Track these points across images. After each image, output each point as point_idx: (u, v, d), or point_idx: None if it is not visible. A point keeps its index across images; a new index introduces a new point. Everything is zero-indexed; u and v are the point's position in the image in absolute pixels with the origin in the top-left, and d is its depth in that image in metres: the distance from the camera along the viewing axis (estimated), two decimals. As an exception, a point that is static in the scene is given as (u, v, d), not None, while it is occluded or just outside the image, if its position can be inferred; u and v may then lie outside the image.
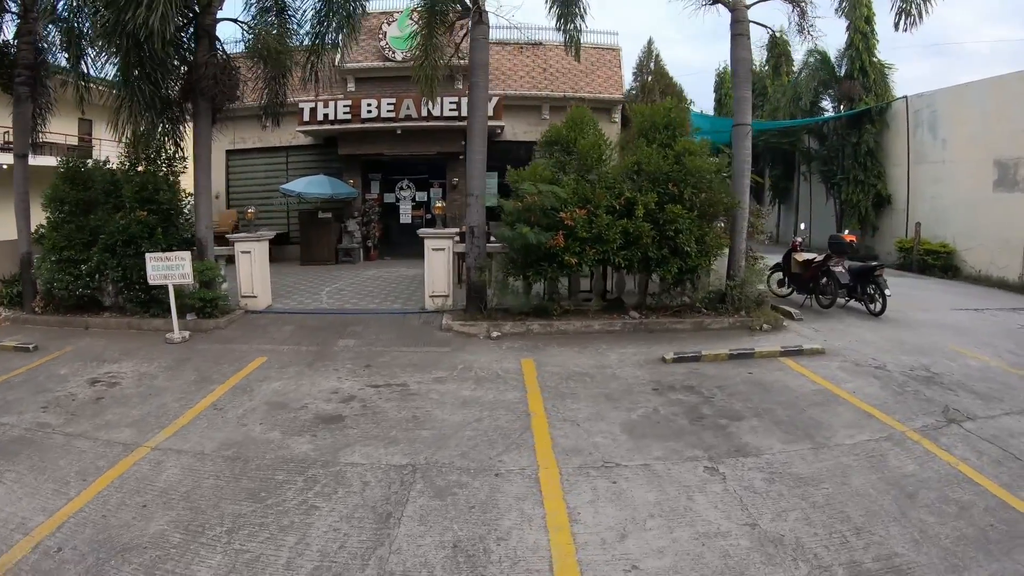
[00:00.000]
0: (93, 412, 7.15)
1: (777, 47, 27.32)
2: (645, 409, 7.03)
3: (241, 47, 14.00)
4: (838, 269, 12.05)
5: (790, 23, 11.93)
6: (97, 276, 11.03)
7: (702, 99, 35.16)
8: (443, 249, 11.60)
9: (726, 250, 11.32)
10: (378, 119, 18.04)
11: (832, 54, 23.50)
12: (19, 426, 6.73)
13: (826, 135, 23.80)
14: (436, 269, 11.58)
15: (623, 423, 6.64)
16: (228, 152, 20.76)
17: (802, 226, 17.57)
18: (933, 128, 20.94)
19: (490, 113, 16.91)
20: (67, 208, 11.33)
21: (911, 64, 54.81)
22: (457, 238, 12.72)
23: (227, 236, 13.47)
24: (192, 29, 11.56)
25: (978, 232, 19.18)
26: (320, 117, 18.38)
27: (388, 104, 17.96)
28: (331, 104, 18.14)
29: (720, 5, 11.44)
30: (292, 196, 19.53)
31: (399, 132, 18.52)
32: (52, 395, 7.76)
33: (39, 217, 11.98)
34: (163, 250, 10.17)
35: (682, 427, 6.55)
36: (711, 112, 33.30)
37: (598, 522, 4.70)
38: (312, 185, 18.74)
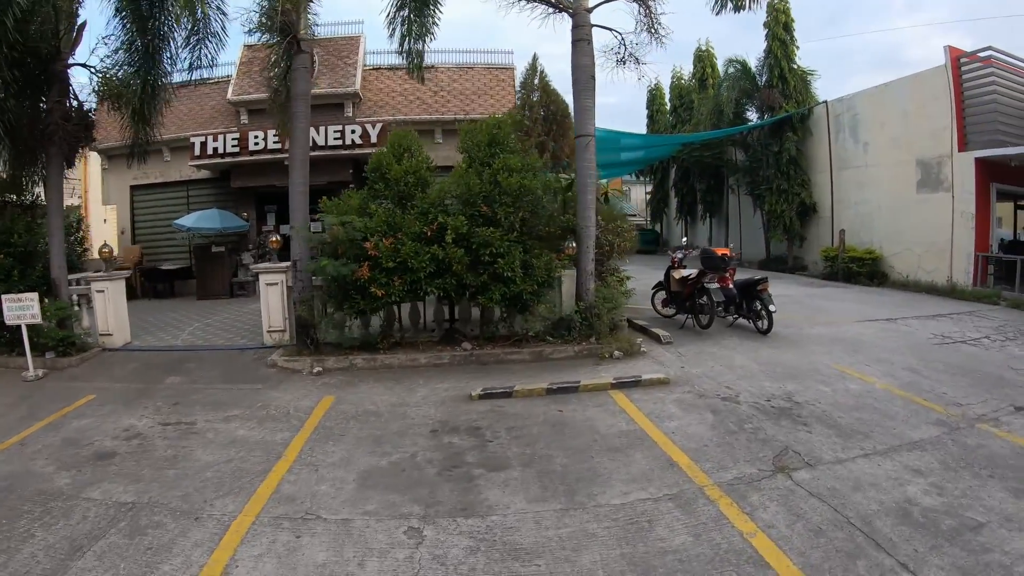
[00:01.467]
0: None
1: (703, 60, 26.08)
2: (403, 454, 6.06)
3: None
4: (713, 286, 10.83)
5: (637, 24, 10.52)
6: None
7: (638, 116, 35.01)
8: (277, 284, 10.74)
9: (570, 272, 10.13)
10: (265, 151, 17.22)
11: (753, 63, 22.00)
12: None
13: (751, 146, 22.23)
14: (272, 304, 10.80)
15: (365, 470, 5.71)
16: (132, 187, 20.06)
17: (683, 240, 15.93)
18: (855, 132, 19.43)
19: (374, 139, 16.51)
20: None
21: (866, 77, 53.67)
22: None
23: (88, 276, 12.34)
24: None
25: (904, 236, 17.56)
26: (210, 151, 17.60)
27: (274, 135, 16.85)
28: (220, 138, 17.43)
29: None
30: (184, 231, 18.18)
31: (287, 164, 17.21)
32: None
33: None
34: (21, 291, 9.94)
35: (425, 477, 5.52)
36: (644, 129, 32.09)
37: (246, 580, 3.98)
38: (202, 219, 17.81)
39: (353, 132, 17.26)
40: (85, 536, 4.71)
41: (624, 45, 10.53)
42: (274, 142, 17.21)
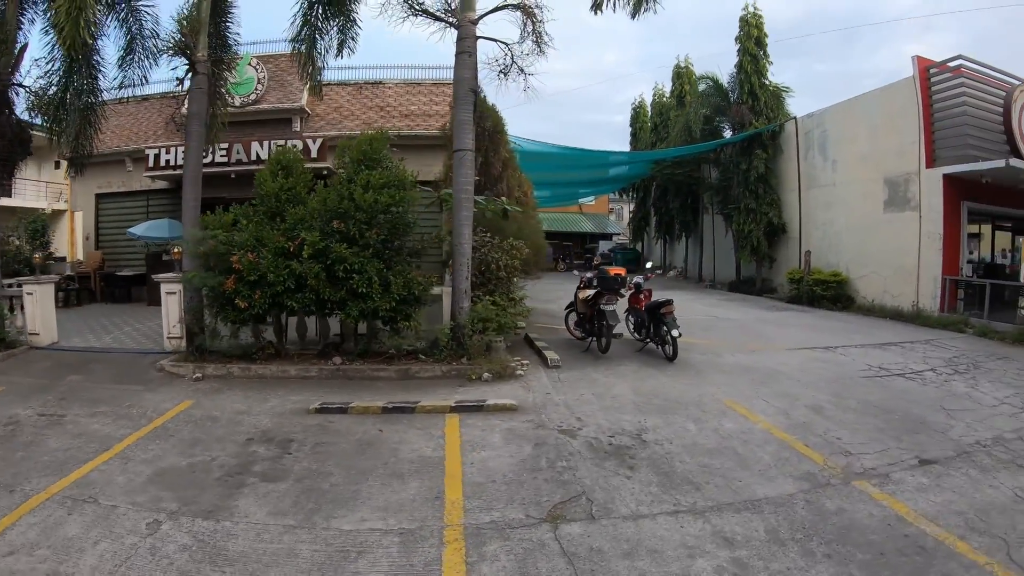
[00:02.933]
0: None
1: (681, 77, 24.67)
2: (204, 458, 5.79)
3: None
4: (609, 308, 9.82)
5: (523, 35, 9.79)
6: None
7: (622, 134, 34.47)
8: (175, 293, 10.57)
9: (440, 290, 9.69)
10: (213, 164, 16.21)
11: (727, 80, 20.54)
12: None
13: (724, 164, 20.70)
14: (171, 312, 10.68)
15: (163, 468, 5.56)
16: (97, 195, 19.75)
17: (648, 264, 14.37)
18: (823, 149, 17.81)
19: (314, 155, 15.73)
20: None
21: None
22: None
23: (21, 280, 12.71)
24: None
25: (871, 258, 15.84)
26: (163, 163, 17.39)
27: (221, 148, 16.27)
28: (172, 150, 17.06)
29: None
30: (136, 239, 17.82)
31: (233, 176, 16.91)
32: None
33: None
34: None
35: (205, 480, 5.28)
36: (627, 146, 30.70)
37: None
38: (152, 228, 17.48)
39: (294, 147, 16.28)
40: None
41: (512, 56, 9.93)
42: (221, 155, 16.70)
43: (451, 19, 9.51)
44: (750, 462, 5.59)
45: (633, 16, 10.15)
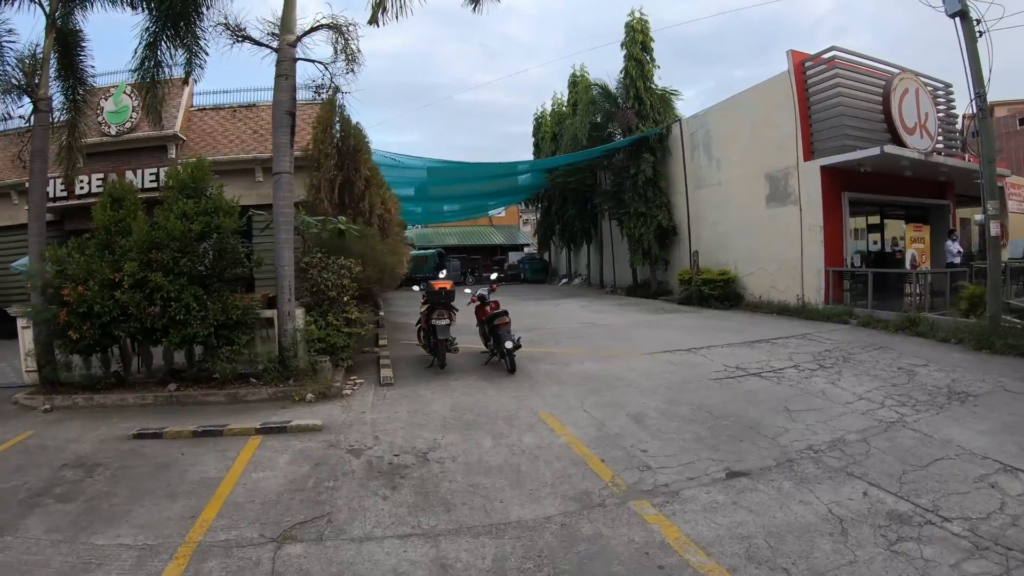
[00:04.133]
0: None
1: (577, 85, 24.10)
2: (17, 483, 5.58)
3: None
4: (441, 322, 9.50)
5: (336, 52, 9.76)
6: None
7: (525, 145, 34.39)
8: (28, 327, 10.21)
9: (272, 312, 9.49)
10: (90, 195, 15.90)
11: (615, 85, 19.97)
12: None
13: (617, 169, 20.07)
14: (27, 344, 10.19)
15: None
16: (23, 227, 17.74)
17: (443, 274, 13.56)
18: (708, 149, 17.42)
19: None
20: None
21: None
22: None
23: None
24: None
25: (757, 255, 15.38)
26: (53, 196, 16.05)
27: (97, 178, 15.88)
28: (51, 182, 15.64)
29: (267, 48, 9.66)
30: (19, 274, 16.24)
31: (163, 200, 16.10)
32: None
33: None
34: None
35: (8, 502, 5.12)
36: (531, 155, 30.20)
37: None
38: None
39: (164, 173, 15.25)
40: None
41: (330, 75, 9.97)
42: (97, 185, 15.88)
43: (273, 43, 9.47)
44: (527, 481, 5.04)
45: (474, 9, 10.45)
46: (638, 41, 19.29)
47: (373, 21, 9.48)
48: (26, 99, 10.29)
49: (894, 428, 5.84)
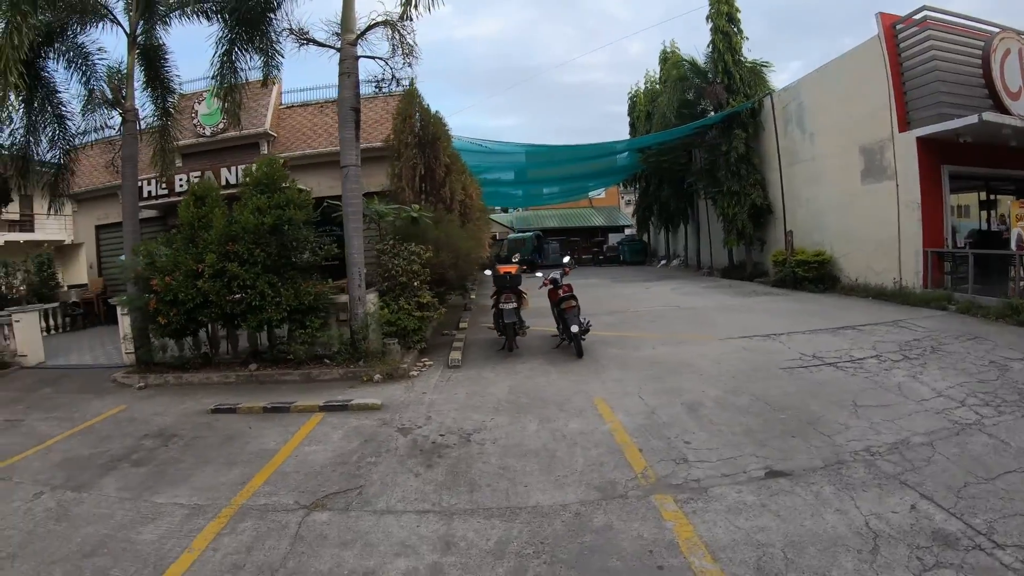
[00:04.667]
0: None
1: (668, 61, 23.06)
2: (104, 449, 6.36)
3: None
4: (507, 307, 9.44)
5: (393, 47, 9.88)
6: None
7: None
8: (127, 313, 11.03)
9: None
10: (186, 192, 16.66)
11: (702, 60, 19.05)
12: None
13: (709, 146, 19.17)
14: (126, 329, 11.09)
15: (70, 457, 6.19)
16: (97, 227, 19.88)
17: (516, 258, 13.27)
18: (801, 122, 16.22)
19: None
20: None
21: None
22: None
23: (12, 310, 13.44)
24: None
25: (853, 234, 14.30)
26: (146, 194, 17.54)
27: (194, 176, 16.61)
28: (153, 182, 17.31)
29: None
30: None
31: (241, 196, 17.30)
32: None
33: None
34: None
35: (91, 465, 5.89)
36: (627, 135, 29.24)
37: None
38: None
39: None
40: None
41: (391, 69, 10.07)
42: (195, 182, 16.69)
43: (335, 43, 9.76)
44: (557, 467, 5.01)
45: None
46: (723, 13, 18.20)
47: (405, 17, 9.53)
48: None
49: (968, 431, 5.15)
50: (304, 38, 9.69)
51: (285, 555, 3.85)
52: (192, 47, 13.19)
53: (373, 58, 9.91)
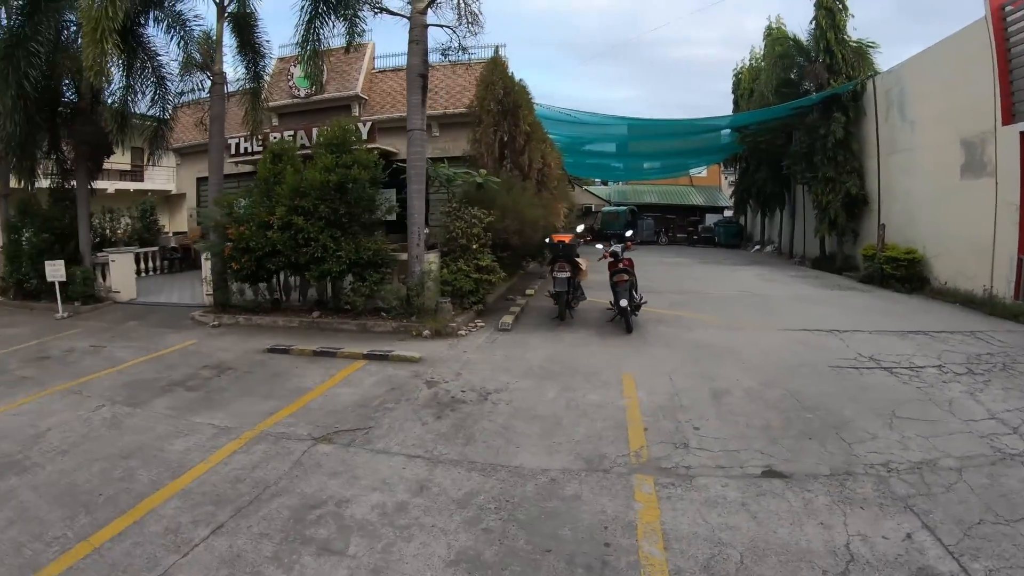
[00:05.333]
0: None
1: (771, 33, 21.43)
2: (167, 376, 7.08)
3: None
4: (559, 276, 9.34)
5: (460, 17, 10.10)
6: (29, 275, 13.55)
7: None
8: (209, 259, 11.87)
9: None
10: None
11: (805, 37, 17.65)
12: None
13: (808, 129, 17.84)
14: (207, 273, 11.95)
15: (137, 380, 6.91)
16: (198, 179, 20.68)
17: (580, 228, 12.67)
18: (902, 109, 14.76)
19: (364, 136, 15.73)
20: (12, 230, 14.10)
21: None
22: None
23: (108, 251, 14.78)
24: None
25: (946, 233, 13.02)
26: (243, 150, 18.35)
27: (288, 135, 17.21)
28: (250, 139, 17.94)
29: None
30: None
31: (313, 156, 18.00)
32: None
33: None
34: (62, 260, 12.32)
35: (155, 386, 6.64)
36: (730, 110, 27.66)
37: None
38: None
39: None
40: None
41: (457, 37, 10.31)
42: (288, 141, 17.20)
43: (406, 12, 9.99)
44: (557, 433, 5.07)
45: None
46: (827, -15, 16.69)
47: None
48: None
49: (1008, 463, 4.41)
50: (378, 7, 10.05)
51: (280, 476, 4.25)
52: (285, 14, 13.64)
53: (440, 26, 10.13)
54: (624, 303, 8.59)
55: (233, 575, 3.13)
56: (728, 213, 35.87)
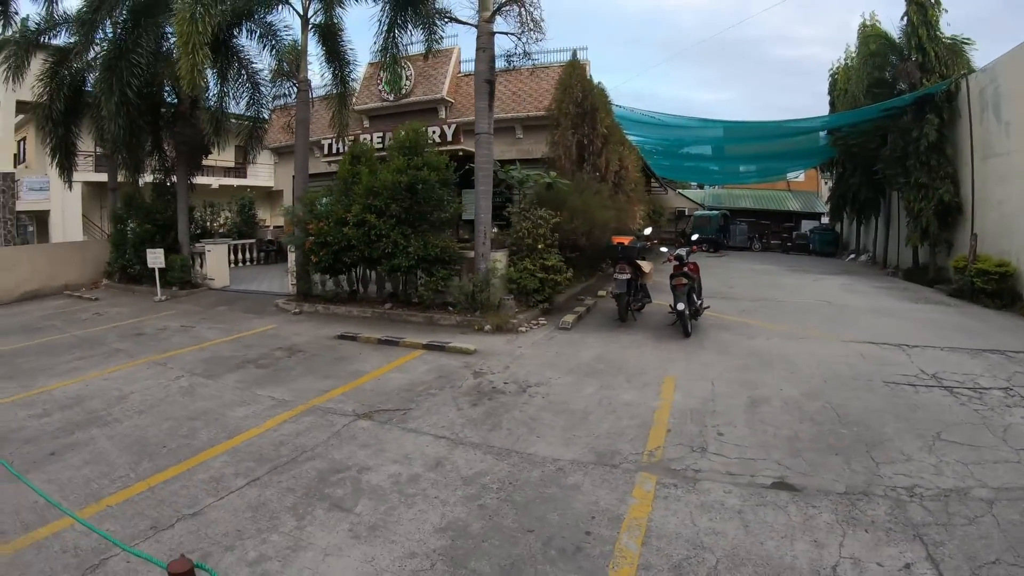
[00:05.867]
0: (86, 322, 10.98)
1: (865, 30, 19.96)
2: (244, 355, 7.82)
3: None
4: (620, 277, 9.37)
5: (523, 24, 10.29)
6: (132, 260, 15.10)
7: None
8: (294, 252, 12.61)
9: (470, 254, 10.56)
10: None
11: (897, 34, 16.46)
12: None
13: (902, 131, 16.64)
14: (292, 264, 12.68)
15: (218, 357, 7.77)
16: (293, 177, 22.93)
17: (648, 231, 12.33)
18: (997, 110, 13.44)
19: (449, 138, 16.11)
20: (118, 220, 15.74)
21: None
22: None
23: (205, 241, 16.15)
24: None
25: (1045, 246, 11.79)
26: (335, 151, 18.84)
27: (377, 137, 17.77)
28: (341, 140, 18.56)
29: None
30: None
31: (386, 157, 18.77)
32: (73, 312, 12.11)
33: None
34: (162, 248, 13.85)
35: (232, 363, 7.43)
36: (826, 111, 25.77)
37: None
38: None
39: (433, 132, 16.85)
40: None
41: (523, 44, 10.49)
42: (377, 141, 17.87)
43: (473, 21, 10.34)
44: (581, 427, 5.20)
45: None
46: (917, -20, 15.41)
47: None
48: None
49: None
50: (447, 16, 10.60)
51: (318, 443, 4.82)
52: (371, 22, 14.25)
53: (506, 34, 10.42)
54: (681, 306, 8.46)
55: (255, 518, 3.69)
56: (825, 220, 33.75)
